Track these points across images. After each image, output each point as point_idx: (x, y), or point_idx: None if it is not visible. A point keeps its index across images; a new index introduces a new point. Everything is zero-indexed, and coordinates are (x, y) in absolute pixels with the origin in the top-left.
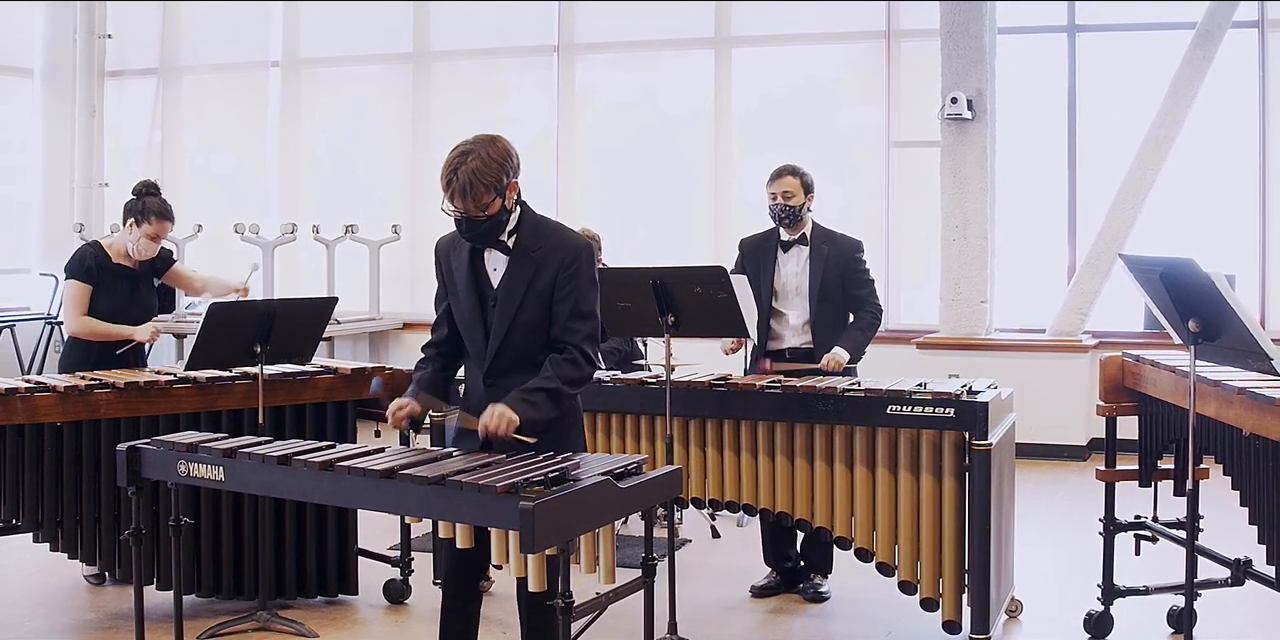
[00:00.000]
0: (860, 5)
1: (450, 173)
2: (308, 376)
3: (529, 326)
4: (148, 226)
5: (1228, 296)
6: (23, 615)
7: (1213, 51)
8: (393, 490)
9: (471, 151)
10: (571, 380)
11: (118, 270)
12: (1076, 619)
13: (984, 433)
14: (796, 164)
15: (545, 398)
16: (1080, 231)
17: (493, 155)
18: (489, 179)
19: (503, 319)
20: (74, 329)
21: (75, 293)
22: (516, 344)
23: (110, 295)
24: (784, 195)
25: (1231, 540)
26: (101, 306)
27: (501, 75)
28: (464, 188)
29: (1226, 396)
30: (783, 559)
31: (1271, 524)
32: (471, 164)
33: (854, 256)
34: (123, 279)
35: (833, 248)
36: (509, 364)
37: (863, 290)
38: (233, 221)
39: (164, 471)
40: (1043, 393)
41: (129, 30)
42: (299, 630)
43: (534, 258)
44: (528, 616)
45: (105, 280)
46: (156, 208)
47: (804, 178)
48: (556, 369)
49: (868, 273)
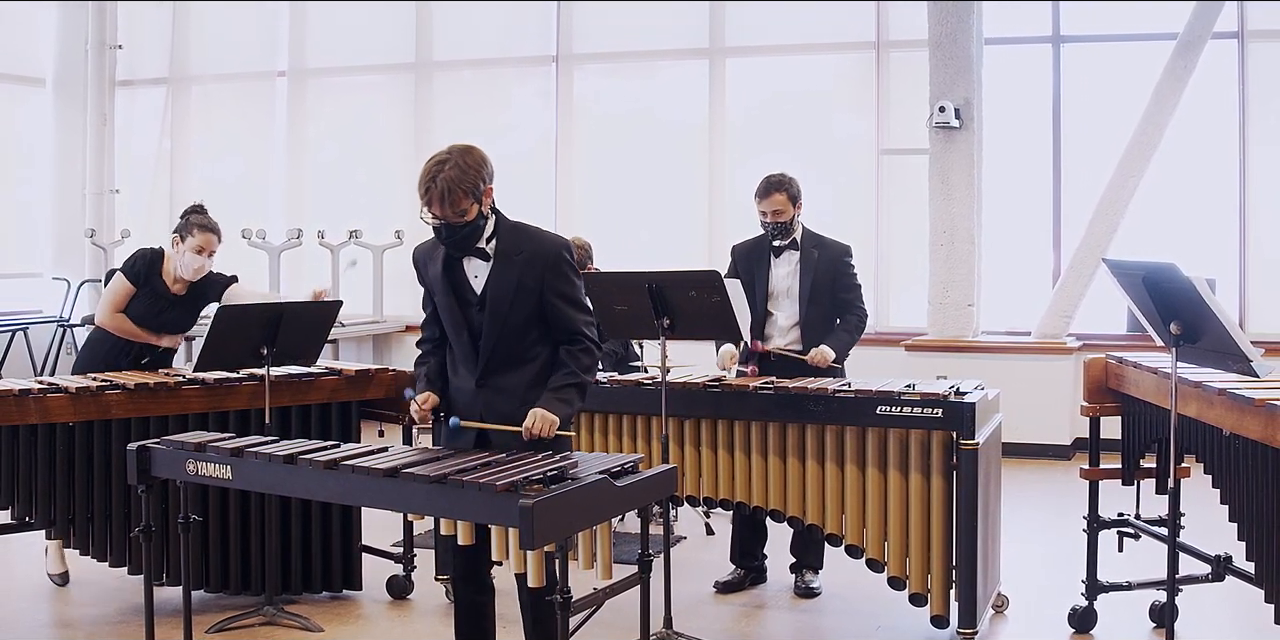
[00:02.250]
0: (851, 17)
1: (429, 181)
2: (313, 378)
3: (519, 327)
4: (192, 240)
5: (1208, 300)
6: (35, 609)
7: (1193, 62)
8: (395, 489)
9: (448, 160)
10: (587, 368)
11: (159, 287)
12: (1061, 614)
13: (971, 433)
14: (781, 175)
15: (575, 392)
16: (1065, 236)
17: (469, 163)
18: (466, 185)
19: (494, 321)
20: (102, 320)
21: (118, 289)
22: (508, 345)
23: (143, 305)
24: (774, 213)
25: (1212, 537)
26: (130, 312)
27: (501, 84)
28: (442, 194)
29: (1207, 397)
30: (749, 557)
31: (1251, 521)
32: (449, 172)
33: (843, 261)
34: (160, 298)
35: (822, 252)
36: (501, 364)
37: (850, 294)
38: (240, 227)
39: (173, 470)
40: (1028, 394)
41: (139, 41)
42: (304, 625)
43: (517, 261)
44: (531, 610)
45: (145, 290)
46: (199, 221)
47: (790, 190)
48: (575, 362)
49: (855, 277)
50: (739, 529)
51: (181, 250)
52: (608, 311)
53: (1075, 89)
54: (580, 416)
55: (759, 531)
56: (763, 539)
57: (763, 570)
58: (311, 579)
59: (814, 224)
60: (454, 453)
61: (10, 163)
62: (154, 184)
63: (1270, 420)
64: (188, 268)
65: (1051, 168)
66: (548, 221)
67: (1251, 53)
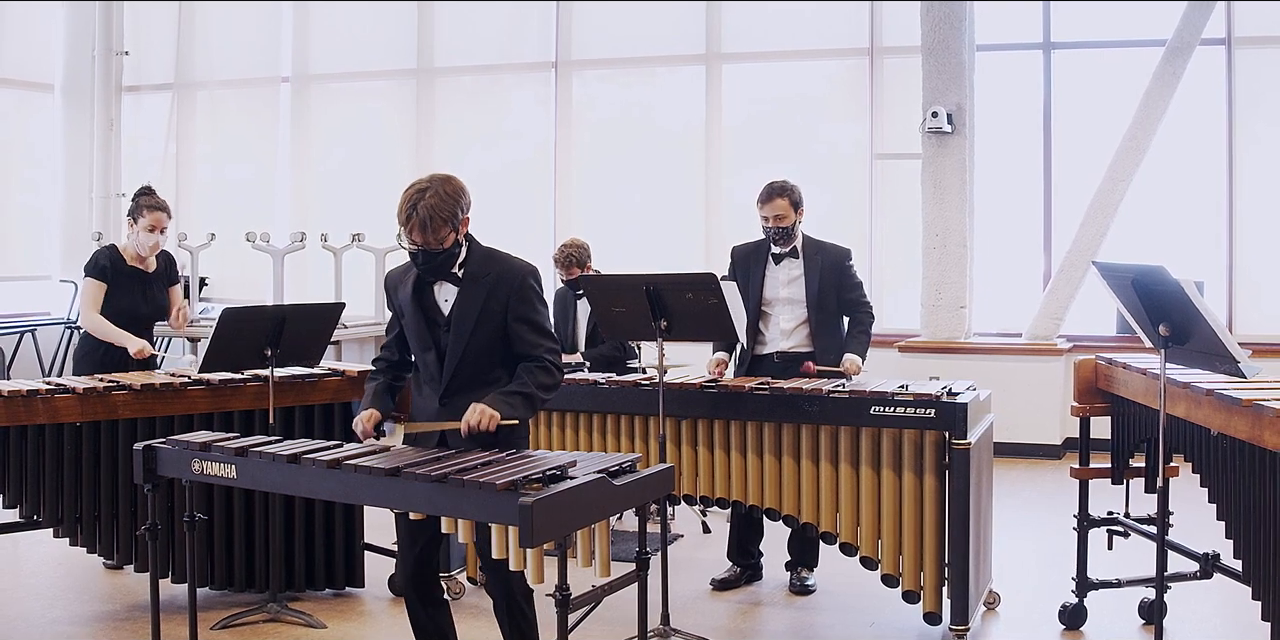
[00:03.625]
0: (845, 23)
1: (410, 208)
2: (316, 379)
3: (482, 348)
4: (143, 220)
5: (1197, 302)
6: (44, 606)
7: (1182, 68)
8: (397, 487)
9: (429, 189)
10: (543, 386)
11: (130, 271)
12: (1052, 610)
13: (963, 432)
14: (783, 181)
15: (521, 400)
16: (1055, 239)
17: (448, 192)
18: (445, 213)
19: (457, 342)
20: (85, 324)
21: (89, 290)
22: (470, 366)
23: (123, 294)
24: (776, 218)
25: (1200, 535)
26: (115, 305)
27: (502, 90)
28: (423, 222)
29: (1195, 398)
30: (746, 555)
31: (1238, 520)
32: (430, 200)
33: (845, 264)
34: (135, 280)
35: (825, 257)
36: (463, 384)
37: (855, 293)
38: (244, 230)
39: (179, 469)
40: (1019, 394)
41: (145, 47)
42: (308, 621)
43: (484, 283)
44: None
45: (119, 280)
46: (148, 202)
47: (792, 196)
48: (530, 376)
49: (857, 276)
50: (737, 527)
51: (136, 230)
52: (606, 313)
53: (1066, 95)
54: (579, 416)
55: (756, 529)
56: (759, 537)
57: (759, 568)
58: (315, 576)
59: (809, 227)
60: (455, 452)
61: (19, 167)
62: (160, 188)
63: (1257, 420)
64: (143, 245)
65: (1042, 172)
66: (547, 224)
67: (1239, 59)
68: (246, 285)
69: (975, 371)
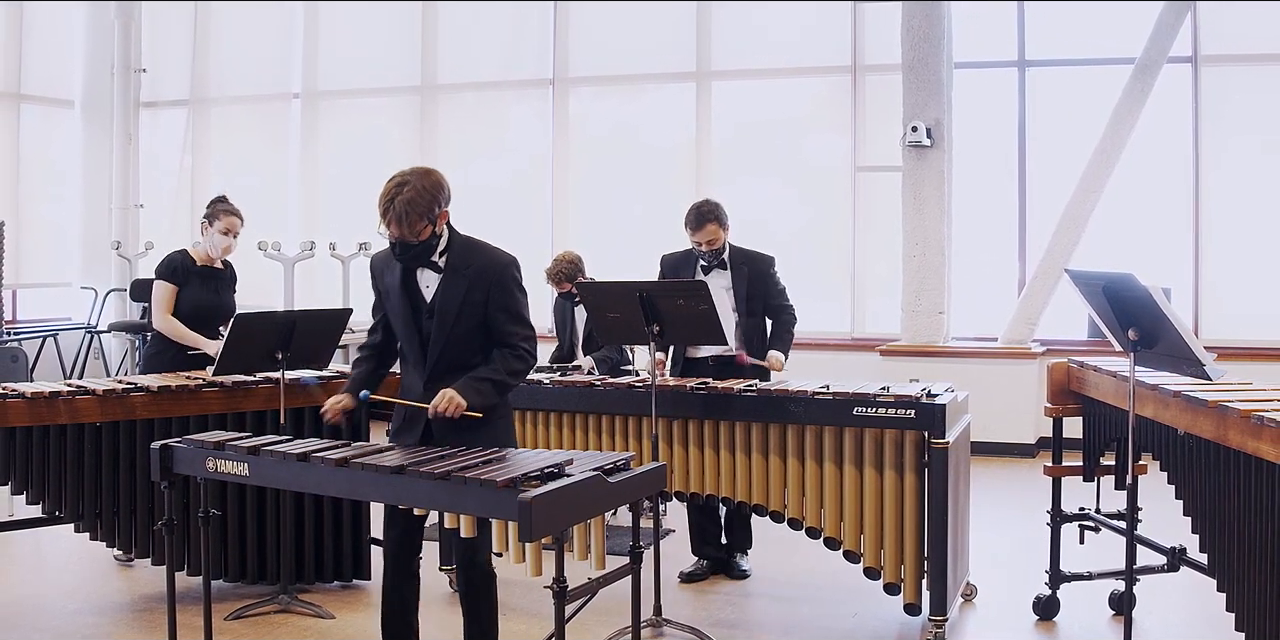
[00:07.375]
0: (829, 43)
1: (387, 202)
2: (325, 381)
3: (464, 336)
4: (219, 223)
5: (1164, 308)
6: (64, 598)
7: (1150, 84)
8: (402, 484)
9: (407, 183)
10: (514, 372)
11: (202, 272)
12: (1026, 602)
13: (942, 432)
14: (707, 203)
15: (490, 387)
16: (1030, 248)
17: (426, 187)
18: (421, 208)
19: (440, 330)
20: (159, 326)
21: (162, 293)
22: (453, 352)
23: (195, 295)
24: (709, 243)
25: (1167, 530)
26: (187, 305)
27: (501, 106)
28: (399, 216)
29: (1163, 399)
30: (708, 547)
31: (1204, 515)
32: (407, 194)
33: (770, 271)
34: (207, 280)
35: (751, 266)
36: (446, 369)
37: (780, 299)
38: (256, 239)
39: (194, 467)
40: (995, 396)
41: (162, 65)
42: (317, 612)
43: (466, 275)
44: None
45: (190, 281)
46: (224, 208)
47: (720, 218)
48: (502, 362)
49: (781, 282)
50: (695, 521)
51: (211, 232)
52: (602, 318)
53: (1039, 110)
54: (575, 417)
55: (715, 521)
56: (717, 529)
57: (725, 560)
58: (324, 569)
59: (794, 237)
60: (456, 452)
61: (42, 180)
62: (176, 199)
63: (1222, 421)
64: (216, 247)
65: (1017, 183)
66: (545, 234)
67: (1204, 76)
68: (258, 292)
69: (953, 374)
